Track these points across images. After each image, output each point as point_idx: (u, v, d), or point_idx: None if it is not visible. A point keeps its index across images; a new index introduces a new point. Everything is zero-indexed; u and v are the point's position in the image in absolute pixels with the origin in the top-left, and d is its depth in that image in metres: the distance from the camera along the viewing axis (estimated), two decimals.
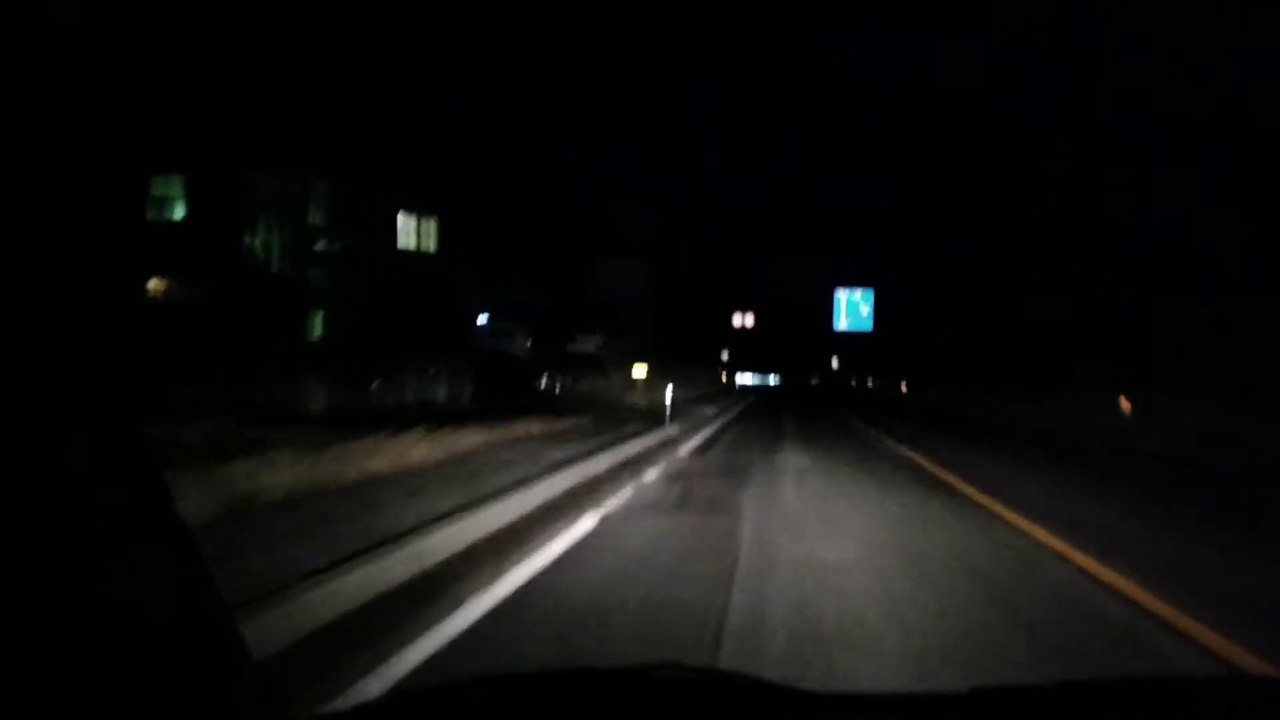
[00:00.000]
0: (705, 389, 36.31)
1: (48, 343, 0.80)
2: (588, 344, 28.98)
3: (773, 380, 77.93)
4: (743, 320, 60.99)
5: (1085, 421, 18.39)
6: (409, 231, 29.78)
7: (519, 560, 4.21)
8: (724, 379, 51.55)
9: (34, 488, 0.71)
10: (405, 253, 29.28)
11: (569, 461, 7.69)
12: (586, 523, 5.35)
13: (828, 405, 28.02)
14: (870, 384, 58.95)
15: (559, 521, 5.30)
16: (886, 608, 3.53)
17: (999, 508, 6.33)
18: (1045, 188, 36.67)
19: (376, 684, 2.53)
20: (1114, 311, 30.54)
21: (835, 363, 71.65)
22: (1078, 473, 10.24)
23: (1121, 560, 4.41)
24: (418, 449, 7.40)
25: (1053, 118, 38.47)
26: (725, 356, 60.26)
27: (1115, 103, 32.54)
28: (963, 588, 3.92)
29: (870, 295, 50.19)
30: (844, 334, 51.46)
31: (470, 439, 8.98)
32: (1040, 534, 5.26)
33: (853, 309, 50.33)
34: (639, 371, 21.23)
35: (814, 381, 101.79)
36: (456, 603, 3.41)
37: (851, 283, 50.30)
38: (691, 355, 52.40)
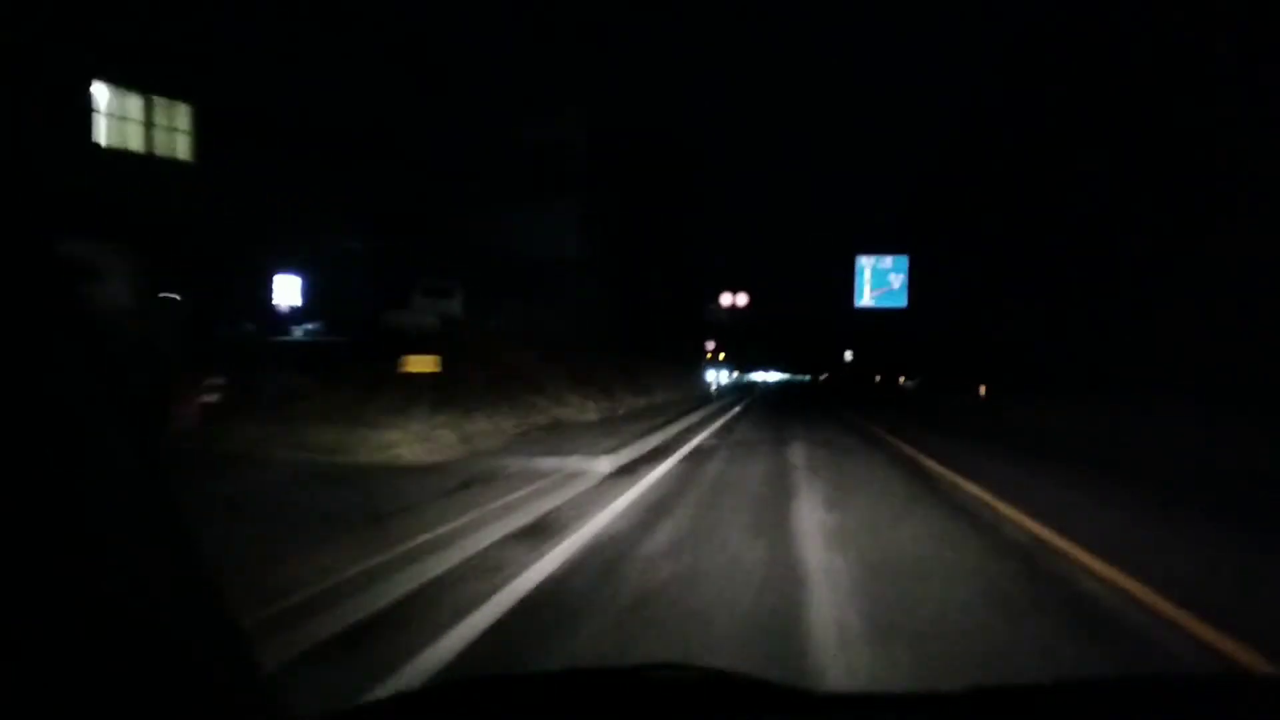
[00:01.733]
0: (662, 394, 23.39)
1: (46, 342, 0.76)
2: (423, 313, 16.32)
3: (774, 376, 64.62)
4: (734, 301, 48.02)
5: None
6: (124, 121, 17.02)
7: None
8: (709, 377, 39.02)
9: (34, 488, 0.70)
10: (117, 154, 16.59)
11: None
12: None
13: (895, 440, 13.21)
14: (902, 382, 45.61)
15: None
16: None
17: None
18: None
19: None
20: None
21: (849, 355, 58.73)
22: None
23: None
24: None
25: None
26: (711, 347, 47.48)
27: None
28: None
29: (904, 263, 37.34)
30: (868, 312, 38.50)
31: None
32: None
33: (880, 280, 37.41)
34: (419, 364, 8.41)
35: (822, 378, 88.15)
36: None
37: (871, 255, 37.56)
38: (664, 345, 39.68)
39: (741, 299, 48.41)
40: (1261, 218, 19.14)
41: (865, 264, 37.19)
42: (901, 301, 37.06)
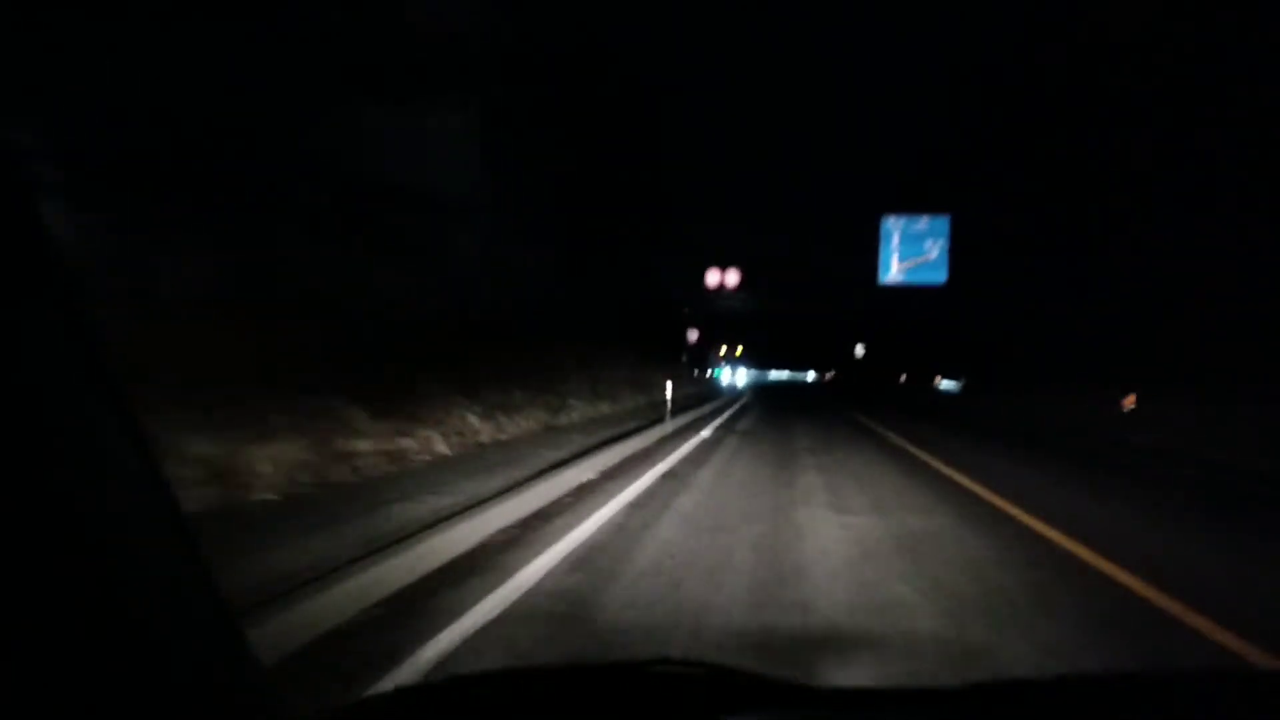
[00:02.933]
0: (580, 411, 14.49)
1: (45, 342, 0.76)
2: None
3: (770, 375, 55.51)
4: (722, 280, 39.20)
5: None
6: None
7: None
8: (674, 383, 29.91)
9: (33, 488, 0.70)
10: None
11: None
12: None
13: None
14: (938, 382, 36.70)
15: None
16: None
17: None
18: None
19: None
20: None
21: (860, 349, 50.00)
22: None
23: None
24: None
25: None
26: (694, 339, 38.67)
27: None
28: None
29: (944, 226, 28.52)
30: (894, 292, 29.60)
31: None
32: None
33: (912, 248, 28.50)
34: None
35: (828, 377, 79.22)
36: None
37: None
38: (630, 336, 30.65)
39: (732, 277, 39.39)
40: None
41: (894, 227, 28.23)
42: (940, 276, 28.11)
